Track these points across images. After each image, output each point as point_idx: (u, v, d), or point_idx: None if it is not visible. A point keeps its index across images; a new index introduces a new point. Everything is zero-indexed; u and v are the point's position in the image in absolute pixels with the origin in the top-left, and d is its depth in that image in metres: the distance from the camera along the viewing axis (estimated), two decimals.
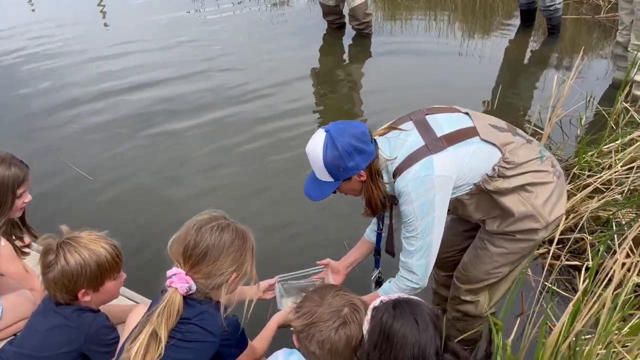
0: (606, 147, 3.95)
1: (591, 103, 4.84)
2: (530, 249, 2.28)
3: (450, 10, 8.29)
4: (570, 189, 3.67)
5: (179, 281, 1.64)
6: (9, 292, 2.36)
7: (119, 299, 2.24)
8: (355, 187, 2.10)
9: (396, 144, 2.06)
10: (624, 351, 1.95)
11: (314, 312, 1.68)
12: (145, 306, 2.05)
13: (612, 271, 2.46)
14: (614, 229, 3.30)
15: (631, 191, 3.53)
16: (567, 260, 3.32)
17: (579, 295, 1.92)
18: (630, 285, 2.23)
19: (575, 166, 3.89)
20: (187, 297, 1.69)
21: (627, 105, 4.33)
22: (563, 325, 1.85)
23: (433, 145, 2.01)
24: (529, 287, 3.14)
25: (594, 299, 1.94)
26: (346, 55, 6.98)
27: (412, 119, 2.14)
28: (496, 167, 2.08)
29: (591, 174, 3.71)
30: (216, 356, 1.79)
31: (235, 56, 6.73)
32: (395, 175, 2.05)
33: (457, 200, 2.19)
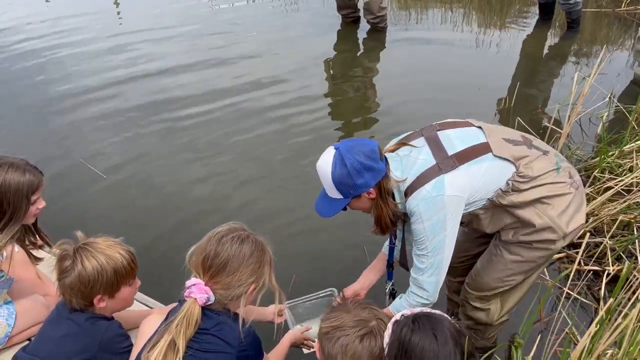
0: (628, 147, 3.86)
1: (611, 100, 4.73)
2: (546, 259, 2.23)
3: (466, 2, 8.16)
4: (590, 192, 3.59)
5: (199, 291, 1.65)
6: (23, 298, 2.36)
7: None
8: (365, 205, 2.10)
9: (407, 162, 2.04)
10: None
11: (342, 317, 1.69)
12: (158, 314, 2.03)
13: (635, 279, 2.41)
14: (636, 233, 3.23)
15: None
16: (586, 265, 3.25)
17: (602, 315, 1.86)
18: None
19: (595, 168, 3.80)
20: (205, 308, 1.69)
21: None
22: (585, 347, 1.79)
23: (444, 164, 1.99)
24: (544, 291, 3.06)
25: (617, 317, 1.88)
26: (360, 49, 6.91)
27: (424, 135, 2.11)
28: (510, 182, 2.05)
29: (612, 177, 3.62)
30: None
31: (247, 48, 6.68)
32: (407, 194, 2.03)
33: (472, 215, 2.17)
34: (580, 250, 2.75)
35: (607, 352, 1.91)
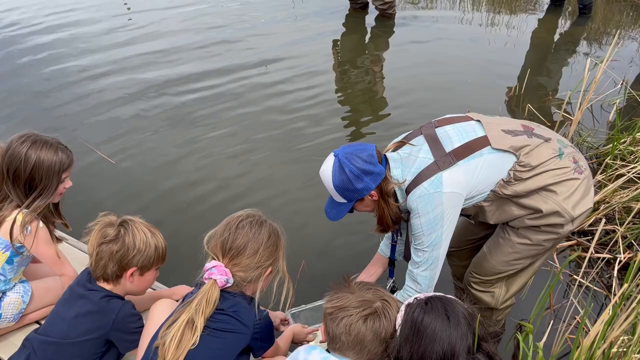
0: None
1: (624, 87, 4.67)
2: (553, 243, 2.23)
3: None
4: (601, 179, 3.55)
5: (219, 273, 1.68)
6: (38, 279, 2.40)
7: None
8: (369, 207, 2.16)
9: (407, 161, 2.08)
10: None
11: (346, 298, 1.71)
12: (168, 300, 2.04)
13: None
14: None
15: None
16: (597, 252, 3.22)
17: (616, 300, 1.84)
18: None
19: (607, 155, 3.76)
20: (223, 290, 1.73)
21: None
22: (598, 333, 1.77)
23: (442, 161, 2.02)
24: (552, 278, 3.05)
25: (629, 304, 1.86)
26: (368, 35, 6.86)
27: (423, 133, 2.15)
28: (511, 172, 2.06)
29: (624, 164, 3.58)
30: (244, 350, 1.80)
31: (255, 34, 6.66)
32: (408, 192, 2.08)
33: (477, 207, 2.18)
34: (594, 237, 2.72)
35: (621, 339, 1.89)
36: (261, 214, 1.82)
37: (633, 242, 3.20)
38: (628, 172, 3.48)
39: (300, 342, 2.28)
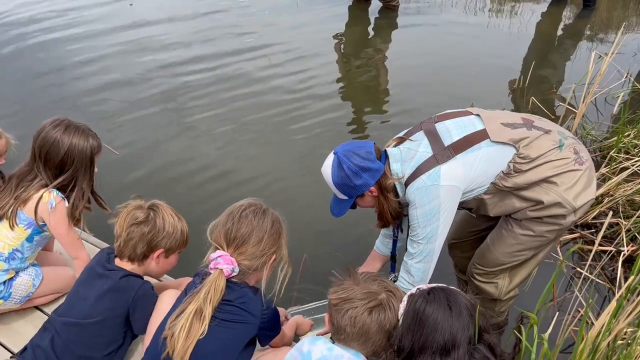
0: None
1: (628, 80, 4.65)
2: (557, 235, 2.23)
3: None
4: (605, 172, 3.54)
5: (225, 262, 1.69)
6: (49, 266, 2.43)
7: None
8: (369, 202, 2.20)
9: (407, 155, 2.10)
10: None
11: (351, 289, 1.71)
12: (174, 290, 2.04)
13: None
14: None
15: None
16: (601, 245, 3.21)
17: (622, 292, 1.84)
18: None
19: (611, 148, 3.75)
20: (228, 281, 1.73)
21: None
22: (603, 325, 1.77)
23: (441, 155, 2.04)
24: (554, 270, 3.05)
25: (634, 297, 1.86)
26: (372, 28, 6.83)
27: (423, 128, 2.17)
28: (511, 164, 2.06)
29: (628, 157, 3.57)
30: (251, 340, 1.80)
31: (258, 27, 6.62)
32: (407, 185, 2.10)
33: (477, 200, 2.18)
34: (599, 230, 2.71)
35: (624, 331, 1.89)
36: (262, 202, 1.83)
37: (637, 235, 3.19)
38: (632, 166, 3.47)
39: (303, 334, 2.29)
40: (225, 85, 5.11)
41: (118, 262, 2.01)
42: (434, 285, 1.69)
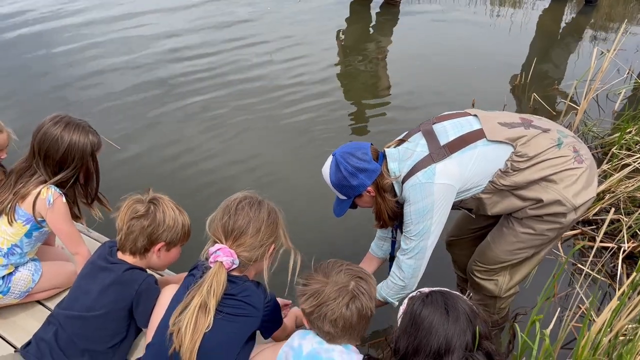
0: None
1: (630, 76, 4.65)
2: (557, 233, 2.22)
3: None
4: (607, 168, 3.54)
5: (224, 255, 1.69)
6: (49, 261, 2.43)
7: None
8: (367, 202, 2.23)
9: (405, 155, 2.13)
10: None
11: (321, 292, 1.68)
12: (176, 285, 2.03)
13: None
14: None
15: None
16: (602, 242, 3.21)
17: (624, 289, 1.83)
18: None
19: (613, 144, 3.74)
20: (229, 275, 1.73)
21: None
22: (605, 322, 1.77)
23: (436, 154, 2.06)
24: (559, 267, 3.04)
25: (634, 294, 1.85)
26: (373, 24, 6.81)
27: (421, 130, 2.18)
28: (509, 162, 2.06)
29: (630, 154, 3.56)
30: (252, 334, 1.81)
31: (260, 23, 6.61)
32: (404, 183, 2.12)
33: (475, 199, 2.17)
34: (601, 227, 2.71)
35: (627, 327, 1.89)
36: (257, 194, 1.84)
37: (638, 232, 3.19)
38: (634, 162, 3.47)
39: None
40: (228, 85, 5.11)
41: (120, 256, 2.01)
42: (435, 288, 1.66)
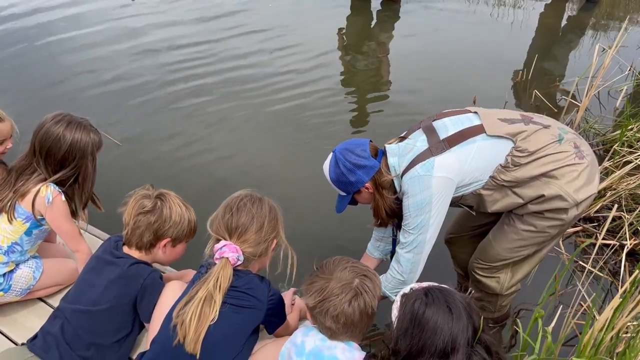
0: None
1: (632, 73, 4.63)
2: (559, 230, 2.20)
3: None
4: (608, 165, 3.53)
5: (230, 251, 1.71)
6: (51, 258, 2.43)
7: None
8: (366, 198, 2.25)
9: (405, 149, 2.14)
10: None
11: (325, 288, 1.70)
12: (178, 282, 2.04)
13: None
14: None
15: None
16: (604, 239, 3.21)
17: (626, 286, 1.83)
18: None
19: (614, 141, 3.73)
20: (233, 269, 1.75)
21: None
22: (607, 319, 1.76)
23: (435, 147, 2.06)
24: (561, 264, 3.04)
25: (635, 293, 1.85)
26: (374, 20, 6.79)
27: (422, 126, 2.19)
28: (509, 157, 2.05)
29: (632, 151, 3.56)
30: (255, 329, 1.82)
31: (259, 19, 6.58)
32: (402, 177, 2.13)
33: (475, 195, 2.16)
34: (603, 224, 2.70)
35: (629, 325, 1.89)
36: (256, 192, 1.86)
37: (639, 229, 3.19)
38: (635, 159, 3.46)
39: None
40: (226, 84, 5.09)
41: (126, 250, 2.02)
42: (429, 284, 1.64)
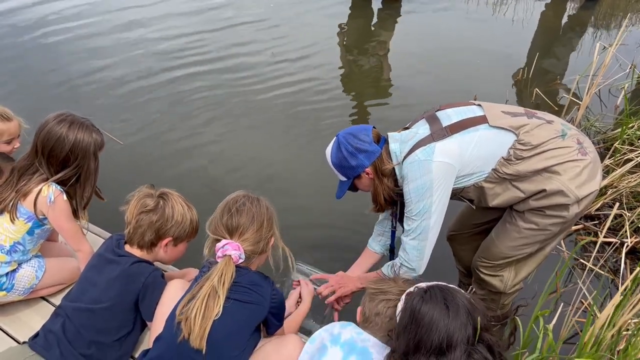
0: None
1: (632, 71, 4.63)
2: (561, 228, 2.19)
3: None
4: (609, 163, 3.53)
5: (232, 249, 1.73)
6: (53, 258, 2.43)
7: None
8: (366, 184, 2.25)
9: (407, 136, 2.15)
10: None
11: (389, 284, 1.83)
12: (180, 280, 2.04)
13: None
14: None
15: None
16: (605, 237, 3.21)
17: (627, 284, 1.83)
18: None
19: (615, 139, 3.73)
20: (236, 266, 1.76)
21: None
22: (608, 317, 1.77)
23: (437, 133, 2.07)
24: (561, 262, 3.04)
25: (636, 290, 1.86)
26: (375, 18, 6.79)
27: (425, 117, 2.20)
28: (511, 150, 2.05)
29: (633, 149, 3.56)
30: (257, 327, 1.83)
31: (261, 18, 6.58)
32: (403, 162, 2.13)
33: (477, 188, 2.16)
34: (604, 222, 2.70)
35: (630, 322, 1.89)
36: (251, 192, 1.89)
37: None
38: (636, 157, 3.46)
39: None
40: (226, 82, 5.10)
41: (128, 249, 2.03)
42: (433, 283, 1.67)
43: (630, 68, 4.61)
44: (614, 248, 3.17)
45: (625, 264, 2.94)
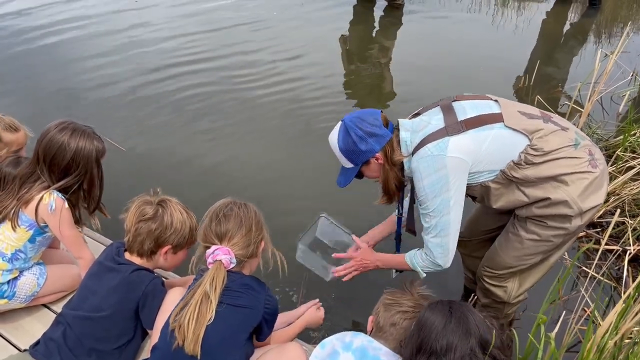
0: None
1: (634, 79, 4.64)
2: (563, 239, 2.17)
3: None
4: (611, 170, 3.53)
5: (223, 253, 1.74)
6: (54, 265, 2.44)
7: None
8: (374, 170, 2.17)
9: (419, 125, 2.09)
10: None
11: (405, 296, 1.88)
12: (180, 288, 2.04)
13: None
14: None
15: None
16: (607, 244, 3.20)
17: (630, 292, 1.83)
18: None
19: (617, 146, 3.73)
20: (228, 271, 1.77)
21: None
22: (610, 325, 1.76)
23: (452, 127, 2.01)
24: (563, 270, 3.03)
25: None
26: (376, 26, 6.82)
27: (440, 105, 2.15)
28: (523, 155, 2.01)
29: (635, 156, 3.55)
30: (250, 334, 1.82)
31: (263, 25, 6.60)
32: (413, 154, 2.07)
33: (483, 187, 2.12)
34: (606, 229, 2.70)
35: (632, 330, 1.88)
36: (236, 199, 1.91)
37: None
38: (638, 165, 3.46)
39: (316, 328, 2.36)
40: (227, 87, 5.11)
41: (128, 256, 2.02)
42: (450, 300, 1.69)
43: (632, 75, 4.61)
44: (617, 256, 3.16)
45: (627, 271, 2.93)
